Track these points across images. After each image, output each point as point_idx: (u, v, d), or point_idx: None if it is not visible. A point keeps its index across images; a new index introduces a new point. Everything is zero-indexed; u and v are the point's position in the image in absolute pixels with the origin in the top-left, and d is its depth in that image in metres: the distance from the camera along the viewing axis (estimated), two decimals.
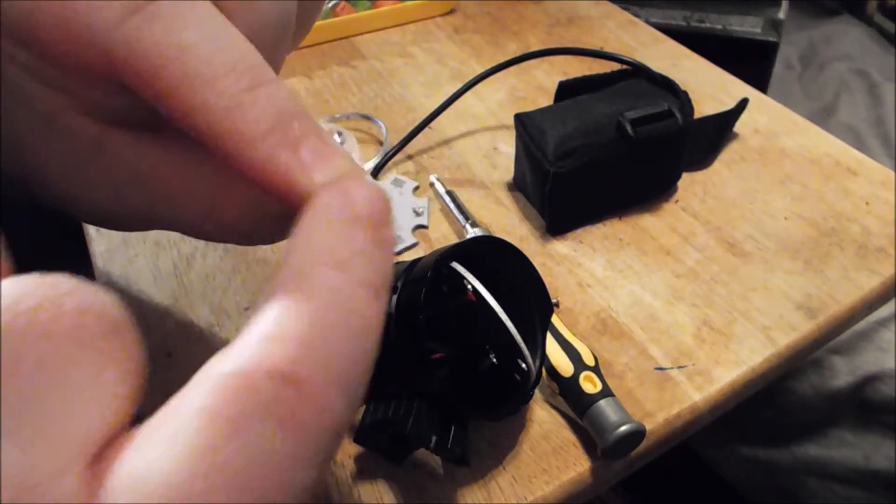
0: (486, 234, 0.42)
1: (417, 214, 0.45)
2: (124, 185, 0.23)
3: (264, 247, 0.44)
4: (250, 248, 0.44)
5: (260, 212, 0.22)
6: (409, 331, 0.28)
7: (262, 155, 0.18)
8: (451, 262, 0.31)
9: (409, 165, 0.50)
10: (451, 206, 0.45)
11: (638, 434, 0.32)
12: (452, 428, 0.29)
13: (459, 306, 0.31)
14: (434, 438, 0.28)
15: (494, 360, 0.32)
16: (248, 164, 0.18)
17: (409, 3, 0.65)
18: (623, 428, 0.31)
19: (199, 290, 0.41)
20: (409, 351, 0.28)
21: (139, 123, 0.22)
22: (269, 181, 0.18)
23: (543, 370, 0.34)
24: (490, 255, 0.32)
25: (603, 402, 0.32)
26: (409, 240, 0.44)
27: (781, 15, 0.92)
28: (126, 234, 0.45)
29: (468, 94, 0.52)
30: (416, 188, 0.47)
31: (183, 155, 0.22)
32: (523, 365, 0.32)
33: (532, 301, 0.33)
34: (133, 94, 0.19)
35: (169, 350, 0.38)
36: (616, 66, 0.49)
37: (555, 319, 0.36)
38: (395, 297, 0.29)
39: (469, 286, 0.31)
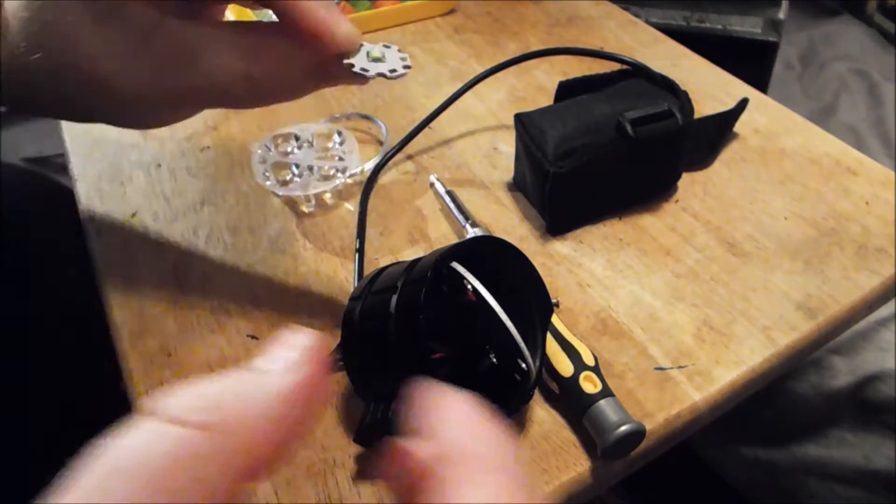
0: (486, 233, 0.42)
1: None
2: (168, 63, 0.30)
3: (264, 247, 0.44)
4: (250, 248, 0.44)
5: (286, 69, 0.32)
6: (408, 331, 0.28)
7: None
8: (451, 262, 0.30)
9: (409, 165, 0.50)
10: (451, 206, 0.45)
11: (638, 434, 0.32)
12: None
13: (459, 306, 0.31)
14: None
15: (494, 359, 0.32)
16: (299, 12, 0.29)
17: (409, 3, 0.65)
18: (623, 428, 0.31)
19: (199, 290, 0.41)
20: (409, 351, 0.28)
21: (186, 11, 0.30)
22: (313, 25, 0.29)
23: (543, 370, 0.34)
24: (490, 254, 0.32)
25: (603, 402, 0.32)
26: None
27: (781, 15, 0.92)
28: (126, 233, 0.45)
29: (468, 94, 0.52)
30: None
31: (222, 33, 0.30)
32: (523, 365, 0.32)
33: (532, 301, 0.33)
34: None
35: (169, 350, 0.38)
36: (616, 66, 0.49)
37: (555, 319, 0.36)
38: (394, 298, 0.29)
39: (469, 286, 0.31)
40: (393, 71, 0.31)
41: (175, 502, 0.15)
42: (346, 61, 0.31)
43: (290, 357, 0.18)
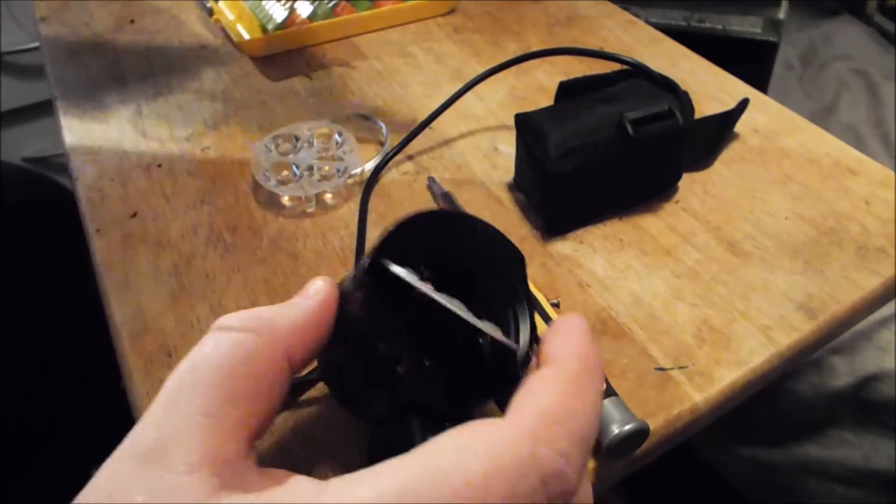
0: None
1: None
2: None
3: (264, 247, 0.44)
4: (250, 249, 0.44)
5: None
6: (360, 346, 0.26)
7: None
8: (383, 259, 0.27)
9: (410, 165, 0.50)
10: (448, 206, 0.45)
11: (642, 433, 0.32)
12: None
13: (415, 303, 0.27)
14: None
15: (482, 342, 0.29)
16: None
17: (409, 3, 0.65)
18: (627, 427, 0.31)
19: (199, 290, 0.41)
20: (371, 367, 0.27)
21: None
22: None
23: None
24: (441, 228, 0.29)
25: (607, 402, 0.32)
26: None
27: (781, 15, 0.92)
28: (126, 232, 0.45)
29: (468, 94, 0.52)
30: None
31: None
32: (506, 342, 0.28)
33: (503, 263, 0.29)
34: None
35: (169, 350, 0.38)
36: (616, 66, 0.49)
37: (556, 318, 0.36)
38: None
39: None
40: None
41: (235, 388, 0.21)
42: None
43: (308, 292, 0.25)
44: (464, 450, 0.19)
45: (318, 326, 0.25)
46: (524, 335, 0.29)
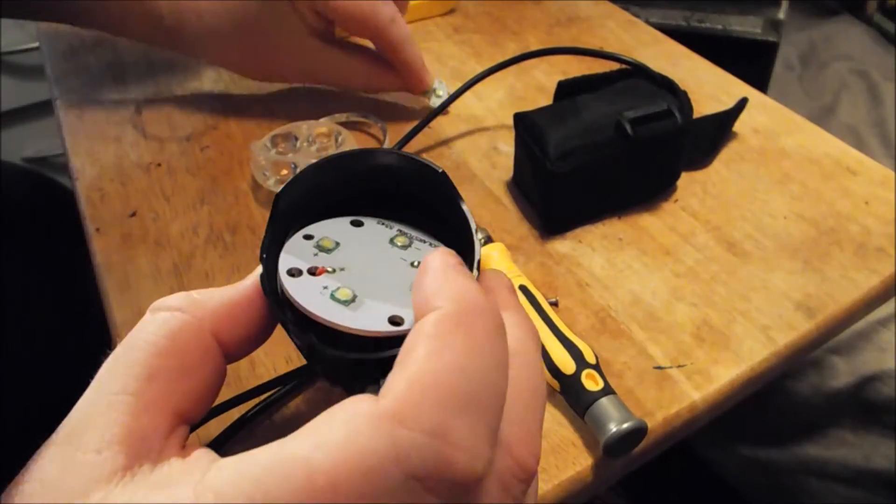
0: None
1: None
2: (320, 71, 0.52)
3: None
4: (250, 248, 0.44)
5: (391, 85, 0.53)
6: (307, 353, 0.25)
7: (400, 49, 0.49)
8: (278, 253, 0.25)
9: None
10: None
11: (640, 431, 0.32)
12: None
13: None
14: None
15: None
16: (394, 50, 0.50)
17: (409, 3, 0.65)
18: (626, 425, 0.31)
19: (199, 289, 0.41)
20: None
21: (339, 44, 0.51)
22: (399, 57, 0.50)
23: (545, 368, 0.34)
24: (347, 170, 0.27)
25: (605, 400, 0.32)
26: None
27: (781, 15, 0.92)
28: (126, 232, 0.45)
29: (468, 94, 0.52)
30: None
31: (359, 58, 0.52)
32: None
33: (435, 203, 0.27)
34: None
35: None
36: (616, 66, 0.49)
37: (555, 317, 0.36)
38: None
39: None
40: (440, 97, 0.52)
41: (156, 364, 0.20)
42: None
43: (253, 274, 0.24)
44: (319, 438, 0.17)
45: (250, 305, 0.24)
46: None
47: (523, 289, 0.37)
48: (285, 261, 0.25)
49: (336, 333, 0.23)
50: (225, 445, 0.33)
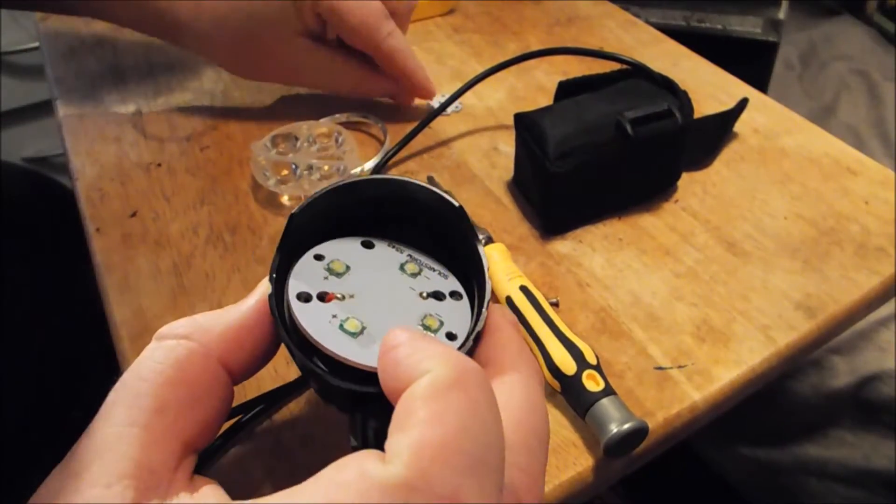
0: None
1: None
2: (309, 73, 0.52)
3: (264, 246, 0.44)
4: (250, 248, 0.44)
5: (381, 90, 0.53)
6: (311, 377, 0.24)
7: (400, 61, 0.49)
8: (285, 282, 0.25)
9: (410, 165, 0.50)
10: None
11: (641, 432, 0.32)
12: None
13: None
14: None
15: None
16: (392, 63, 0.49)
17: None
18: (627, 425, 0.31)
19: (199, 289, 0.41)
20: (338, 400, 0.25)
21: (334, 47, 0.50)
22: (399, 69, 0.50)
23: (545, 368, 0.34)
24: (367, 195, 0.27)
25: (606, 401, 0.32)
26: None
27: (781, 15, 0.92)
28: (126, 232, 0.45)
29: (468, 94, 0.52)
30: None
31: (350, 63, 0.51)
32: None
33: (442, 226, 0.27)
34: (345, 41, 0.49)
35: None
36: (616, 66, 0.49)
37: (555, 318, 0.36)
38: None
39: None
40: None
41: (165, 396, 0.20)
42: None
43: (253, 292, 0.24)
44: (325, 495, 0.17)
45: (256, 326, 0.24)
46: (460, 323, 0.26)
47: (524, 289, 0.37)
48: (295, 284, 0.25)
49: (341, 363, 0.23)
50: (219, 452, 0.32)
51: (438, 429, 0.18)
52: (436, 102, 0.53)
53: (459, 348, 0.24)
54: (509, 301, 0.37)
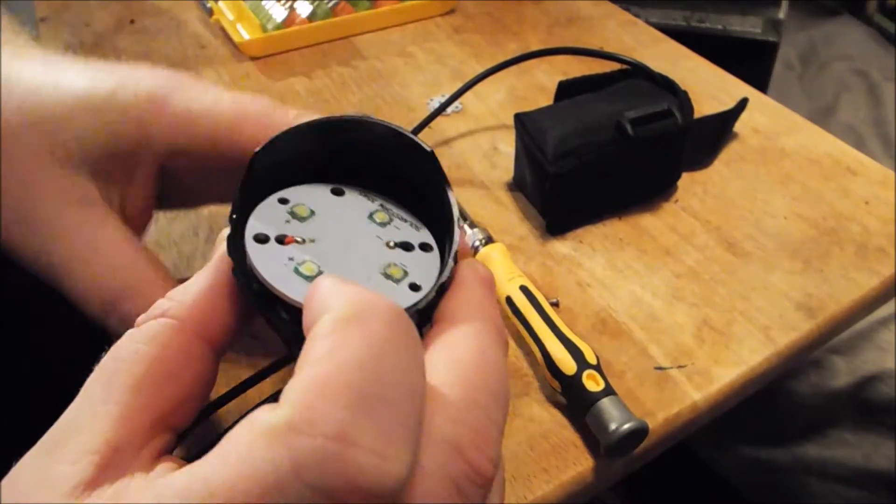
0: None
1: None
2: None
3: None
4: None
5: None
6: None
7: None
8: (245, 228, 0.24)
9: None
10: None
11: (641, 432, 0.32)
12: None
13: None
14: None
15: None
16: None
17: (409, 3, 0.65)
18: (627, 426, 0.31)
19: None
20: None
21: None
22: None
23: (546, 369, 0.35)
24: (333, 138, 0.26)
25: (606, 401, 0.32)
26: None
27: (781, 15, 0.92)
28: None
29: (468, 94, 0.52)
30: None
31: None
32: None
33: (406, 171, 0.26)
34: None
35: None
36: (616, 66, 0.49)
37: (555, 318, 0.36)
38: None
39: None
40: None
41: (139, 373, 0.20)
42: None
43: (215, 252, 0.23)
44: (220, 457, 0.16)
45: (228, 285, 0.23)
46: (425, 273, 0.24)
47: (524, 289, 0.37)
48: (254, 225, 0.24)
49: (293, 306, 0.22)
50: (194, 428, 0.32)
51: (327, 364, 0.16)
52: (436, 102, 0.53)
53: (421, 300, 0.23)
54: (509, 301, 0.37)
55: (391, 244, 0.25)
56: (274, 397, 0.21)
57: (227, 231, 0.23)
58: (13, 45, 0.32)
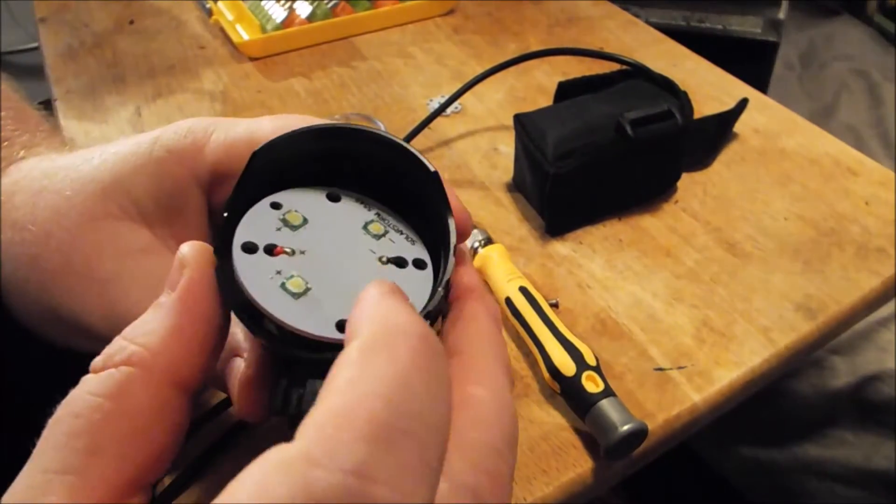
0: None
1: None
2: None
3: None
4: None
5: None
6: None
7: None
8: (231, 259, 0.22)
9: None
10: None
11: (640, 433, 0.32)
12: None
13: None
14: None
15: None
16: None
17: (409, 3, 0.65)
18: (626, 427, 0.31)
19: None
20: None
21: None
22: None
23: (545, 370, 0.34)
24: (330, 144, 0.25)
25: (605, 402, 0.32)
26: None
27: (781, 15, 0.92)
28: None
29: (468, 95, 0.52)
30: None
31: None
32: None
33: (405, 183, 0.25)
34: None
35: None
36: (616, 67, 0.49)
37: (555, 319, 0.36)
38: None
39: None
40: None
41: (99, 433, 0.18)
42: None
43: (172, 277, 0.21)
44: (228, 493, 0.15)
45: (197, 319, 0.20)
46: (420, 293, 0.23)
47: (523, 290, 0.37)
48: (243, 232, 0.22)
49: (283, 327, 0.21)
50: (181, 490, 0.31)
51: (349, 395, 0.15)
52: (436, 103, 0.53)
53: None
54: (508, 302, 0.37)
55: (384, 259, 0.24)
56: (283, 408, 0.20)
57: (186, 246, 0.22)
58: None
